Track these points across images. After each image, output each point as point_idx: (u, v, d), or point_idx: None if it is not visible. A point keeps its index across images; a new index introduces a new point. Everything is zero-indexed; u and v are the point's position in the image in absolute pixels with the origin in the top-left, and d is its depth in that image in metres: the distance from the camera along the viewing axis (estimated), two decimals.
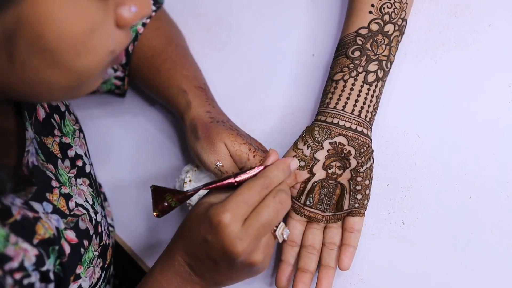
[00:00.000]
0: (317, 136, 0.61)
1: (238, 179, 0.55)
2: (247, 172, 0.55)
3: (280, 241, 0.56)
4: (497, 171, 0.63)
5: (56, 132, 0.60)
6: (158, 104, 0.78)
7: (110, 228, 0.71)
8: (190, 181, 0.66)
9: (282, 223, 0.56)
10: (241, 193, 0.52)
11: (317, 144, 0.61)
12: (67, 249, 0.54)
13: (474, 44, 0.65)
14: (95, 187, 0.65)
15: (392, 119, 0.67)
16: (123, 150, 0.79)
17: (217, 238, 0.51)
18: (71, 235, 0.55)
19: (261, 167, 0.56)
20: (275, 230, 0.55)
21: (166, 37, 0.72)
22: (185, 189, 0.66)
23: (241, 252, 0.51)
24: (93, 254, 0.58)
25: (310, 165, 0.61)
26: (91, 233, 0.58)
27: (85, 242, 0.57)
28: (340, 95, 0.61)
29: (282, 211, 0.53)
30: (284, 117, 0.71)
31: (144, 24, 0.70)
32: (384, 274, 0.65)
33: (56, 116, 0.61)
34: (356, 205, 0.62)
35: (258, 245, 0.53)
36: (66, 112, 0.63)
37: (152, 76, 0.70)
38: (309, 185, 0.62)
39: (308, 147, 0.61)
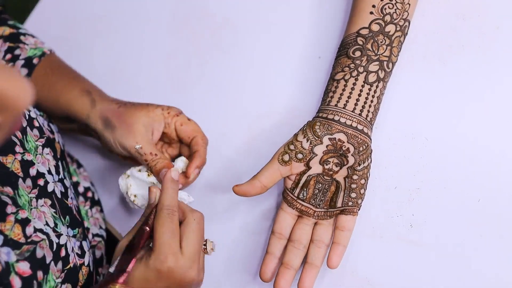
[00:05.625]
0: (318, 130, 0.61)
1: (148, 224, 0.58)
2: (149, 214, 0.59)
3: (211, 254, 0.61)
4: (506, 174, 0.62)
5: (18, 149, 0.58)
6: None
7: (98, 239, 0.71)
8: (131, 185, 0.68)
9: (206, 238, 0.60)
10: (162, 236, 0.55)
11: (316, 139, 0.61)
12: (17, 284, 0.50)
13: (482, 47, 0.65)
14: (59, 206, 0.62)
15: (400, 122, 0.66)
16: None
17: (171, 280, 0.55)
18: (23, 267, 0.51)
19: (154, 204, 0.59)
20: (205, 247, 0.60)
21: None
22: (133, 202, 0.68)
23: (194, 276, 0.56)
24: (54, 282, 0.55)
25: (308, 159, 0.62)
26: (47, 262, 0.55)
27: (39, 273, 0.53)
28: (341, 94, 0.62)
29: (203, 225, 0.59)
30: (290, 119, 0.71)
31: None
32: (392, 277, 0.64)
33: (17, 132, 0.59)
34: (350, 203, 0.62)
35: (200, 264, 0.58)
36: (28, 128, 0.61)
37: (49, 87, 0.70)
38: (304, 178, 0.62)
39: (307, 140, 0.62)
